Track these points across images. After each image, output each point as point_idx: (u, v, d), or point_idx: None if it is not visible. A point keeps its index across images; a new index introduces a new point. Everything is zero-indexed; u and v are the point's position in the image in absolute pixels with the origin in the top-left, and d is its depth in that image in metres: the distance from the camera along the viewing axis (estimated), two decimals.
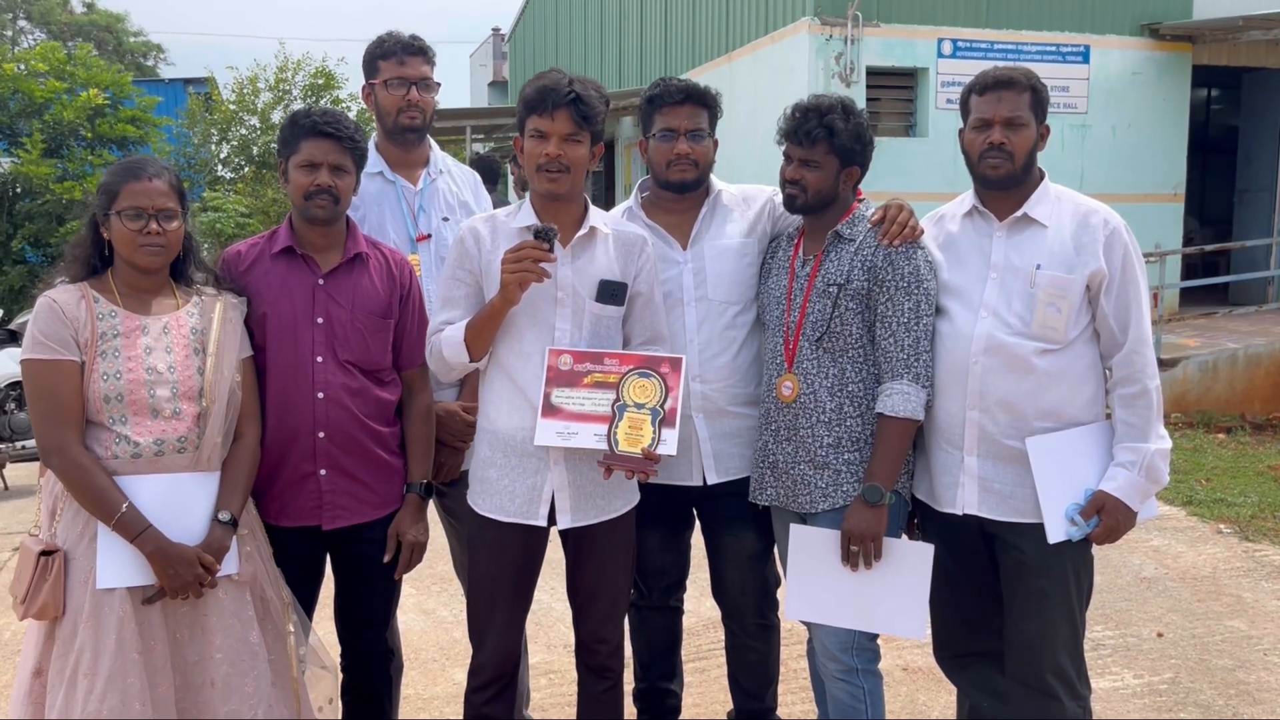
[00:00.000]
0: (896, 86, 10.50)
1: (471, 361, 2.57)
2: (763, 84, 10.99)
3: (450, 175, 3.18)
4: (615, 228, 2.68)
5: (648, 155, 2.91)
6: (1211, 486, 6.53)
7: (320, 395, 2.62)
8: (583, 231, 2.60)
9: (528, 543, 2.64)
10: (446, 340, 2.58)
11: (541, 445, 2.54)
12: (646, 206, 2.97)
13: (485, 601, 2.67)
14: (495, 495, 2.62)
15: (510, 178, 10.77)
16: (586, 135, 2.52)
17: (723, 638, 3.19)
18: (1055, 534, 2.56)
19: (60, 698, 2.29)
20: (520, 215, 2.62)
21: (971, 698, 2.90)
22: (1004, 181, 2.61)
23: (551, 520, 2.62)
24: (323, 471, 2.64)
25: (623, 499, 2.68)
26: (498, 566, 2.64)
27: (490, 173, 7.78)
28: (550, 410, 2.52)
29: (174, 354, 2.42)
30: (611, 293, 2.61)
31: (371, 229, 2.92)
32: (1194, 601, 4.70)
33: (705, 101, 2.86)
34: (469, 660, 2.73)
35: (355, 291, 2.68)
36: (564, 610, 4.38)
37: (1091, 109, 10.68)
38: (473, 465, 2.70)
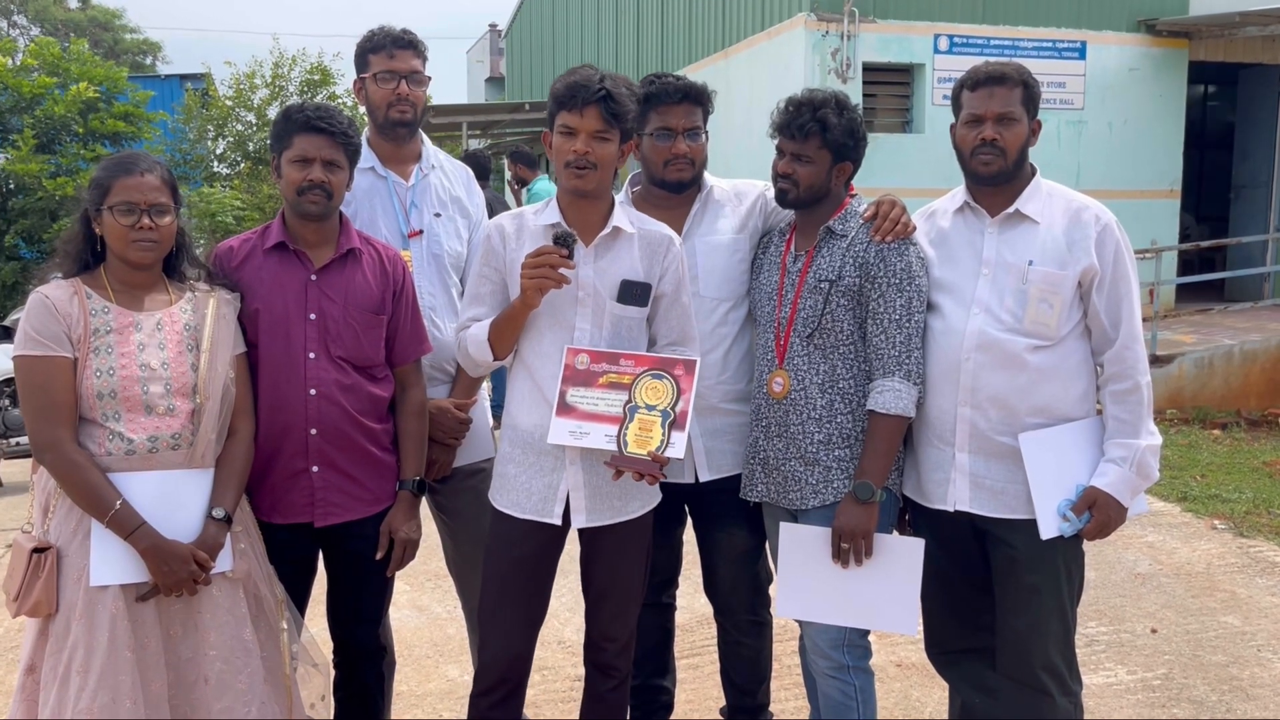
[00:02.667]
0: (893, 82, 10.48)
1: (495, 360, 2.60)
2: (759, 80, 10.97)
3: (442, 170, 3.16)
4: (641, 227, 2.65)
5: (641, 153, 2.89)
6: (1206, 483, 6.53)
7: (312, 391, 2.61)
8: (606, 231, 2.59)
9: (541, 540, 2.63)
10: (471, 339, 2.60)
11: (555, 444, 2.54)
12: (637, 202, 2.96)
13: (494, 598, 2.66)
14: (513, 491, 2.63)
15: (507, 173, 10.77)
16: (616, 133, 2.50)
17: (715, 634, 3.20)
18: (1047, 530, 2.56)
19: (53, 695, 2.28)
20: (547, 213, 2.62)
21: (963, 694, 2.90)
22: (996, 178, 2.61)
23: (566, 520, 2.61)
24: (315, 468, 2.64)
25: (640, 501, 2.67)
26: (509, 562, 2.64)
27: (481, 169, 7.77)
28: (565, 409, 2.52)
29: (167, 350, 2.41)
30: (633, 293, 2.59)
31: (363, 224, 2.91)
32: (1188, 597, 4.71)
33: (701, 99, 2.86)
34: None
35: (348, 287, 2.68)
36: (557, 607, 4.38)
37: (1088, 105, 10.67)
38: (495, 460, 2.73)
